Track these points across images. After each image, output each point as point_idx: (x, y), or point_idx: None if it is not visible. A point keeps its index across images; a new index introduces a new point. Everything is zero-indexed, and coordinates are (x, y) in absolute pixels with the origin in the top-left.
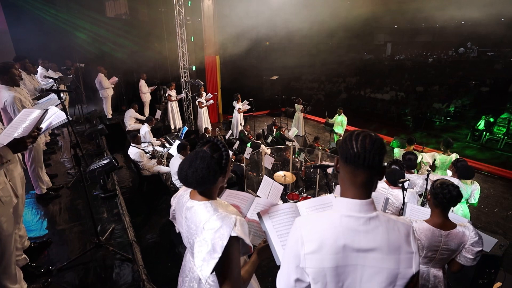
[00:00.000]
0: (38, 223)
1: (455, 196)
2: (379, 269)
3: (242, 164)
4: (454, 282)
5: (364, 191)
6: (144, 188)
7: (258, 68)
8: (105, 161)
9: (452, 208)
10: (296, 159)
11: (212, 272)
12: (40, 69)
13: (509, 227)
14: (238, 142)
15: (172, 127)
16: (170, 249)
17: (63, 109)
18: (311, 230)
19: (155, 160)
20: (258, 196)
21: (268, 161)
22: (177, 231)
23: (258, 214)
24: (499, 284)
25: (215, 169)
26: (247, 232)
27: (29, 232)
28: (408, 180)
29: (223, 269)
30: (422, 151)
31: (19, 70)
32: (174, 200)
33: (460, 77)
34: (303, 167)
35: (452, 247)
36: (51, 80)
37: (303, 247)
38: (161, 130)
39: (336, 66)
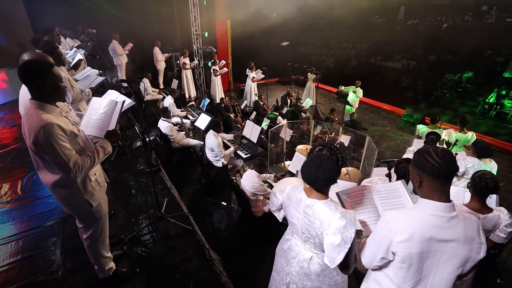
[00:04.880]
0: None
1: (491, 188)
2: (455, 255)
3: (262, 136)
4: None
5: (447, 195)
6: (174, 160)
7: (268, 33)
8: (150, 138)
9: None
10: (314, 132)
11: None
12: (61, 39)
13: None
14: (254, 112)
15: (187, 96)
16: (204, 217)
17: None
18: (402, 224)
19: (183, 132)
20: None
21: (287, 134)
22: (280, 221)
23: (337, 194)
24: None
25: (337, 170)
26: None
27: None
28: None
29: (346, 255)
30: (440, 127)
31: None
32: (281, 195)
33: (474, 46)
34: (325, 137)
35: (487, 228)
36: (79, 56)
37: (395, 236)
38: (179, 101)
39: (347, 31)
